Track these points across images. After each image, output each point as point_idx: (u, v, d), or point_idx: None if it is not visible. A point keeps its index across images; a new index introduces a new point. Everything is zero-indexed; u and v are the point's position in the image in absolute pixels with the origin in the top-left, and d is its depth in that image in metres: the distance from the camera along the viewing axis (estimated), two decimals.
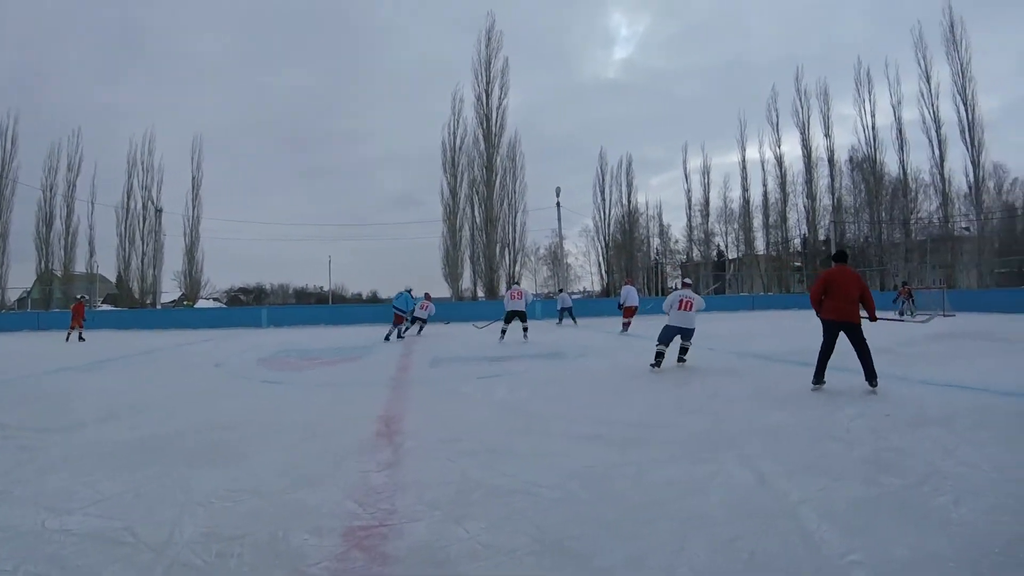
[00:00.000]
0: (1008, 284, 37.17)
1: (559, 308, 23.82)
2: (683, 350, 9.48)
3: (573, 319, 23.35)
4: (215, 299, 51.67)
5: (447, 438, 4.86)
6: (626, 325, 17.60)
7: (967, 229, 39.27)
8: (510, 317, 15.27)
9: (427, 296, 19.08)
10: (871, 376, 6.64)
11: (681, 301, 9.30)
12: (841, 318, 6.81)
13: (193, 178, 42.71)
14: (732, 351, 11.11)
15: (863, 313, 7.00)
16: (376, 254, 78.65)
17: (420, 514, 3.17)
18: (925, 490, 3.43)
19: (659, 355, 9.00)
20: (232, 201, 76.15)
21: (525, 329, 15.36)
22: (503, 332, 15.43)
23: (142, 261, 41.36)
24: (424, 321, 18.65)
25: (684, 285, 10.11)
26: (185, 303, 42.67)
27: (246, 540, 2.84)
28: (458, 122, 42.36)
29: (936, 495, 3.34)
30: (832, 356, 6.87)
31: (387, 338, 16.55)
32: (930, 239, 39.94)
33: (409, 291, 17.44)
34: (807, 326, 16.72)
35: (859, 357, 6.72)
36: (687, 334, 9.33)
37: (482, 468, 3.99)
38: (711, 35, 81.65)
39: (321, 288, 62.56)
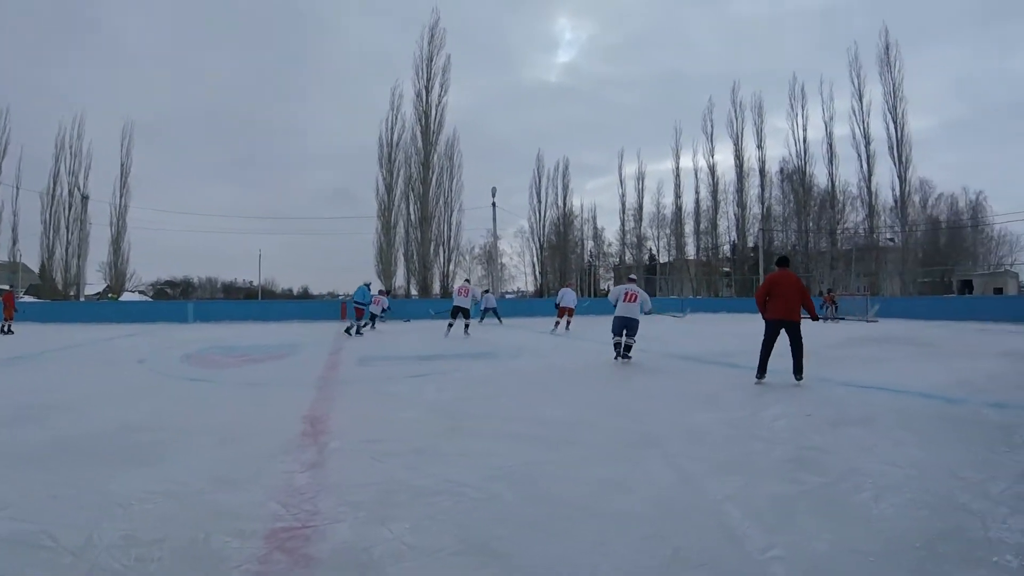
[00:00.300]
0: (930, 292, 39.21)
1: (483, 308, 24.37)
2: (627, 347, 9.89)
3: (498, 318, 24.04)
4: (141, 292, 49.66)
5: (373, 438, 4.76)
6: (558, 324, 18.48)
7: (892, 240, 41.24)
8: (455, 312, 16.16)
9: (381, 292, 20.03)
10: (798, 371, 7.32)
11: (626, 294, 10.02)
12: (782, 317, 7.42)
13: (122, 165, 41.33)
14: (663, 352, 11.34)
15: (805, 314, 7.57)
16: (309, 249, 77.00)
17: (343, 515, 3.08)
18: (845, 487, 3.54)
19: (616, 346, 9.87)
20: (162, 190, 72.96)
21: (466, 325, 16.53)
22: (449, 326, 16.25)
23: (66, 251, 39.58)
24: (374, 316, 19.19)
25: (629, 280, 10.68)
26: (110, 296, 40.83)
27: (166, 543, 2.73)
28: (396, 118, 42.34)
29: (856, 492, 3.44)
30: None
31: (347, 331, 16.97)
32: (855, 248, 41.83)
33: (368, 285, 18.11)
34: (735, 329, 17.42)
35: (792, 352, 7.37)
36: (632, 327, 9.86)
37: (407, 469, 3.92)
38: (654, 46, 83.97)
39: (251, 283, 61.61)
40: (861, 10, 63.40)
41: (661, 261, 52.40)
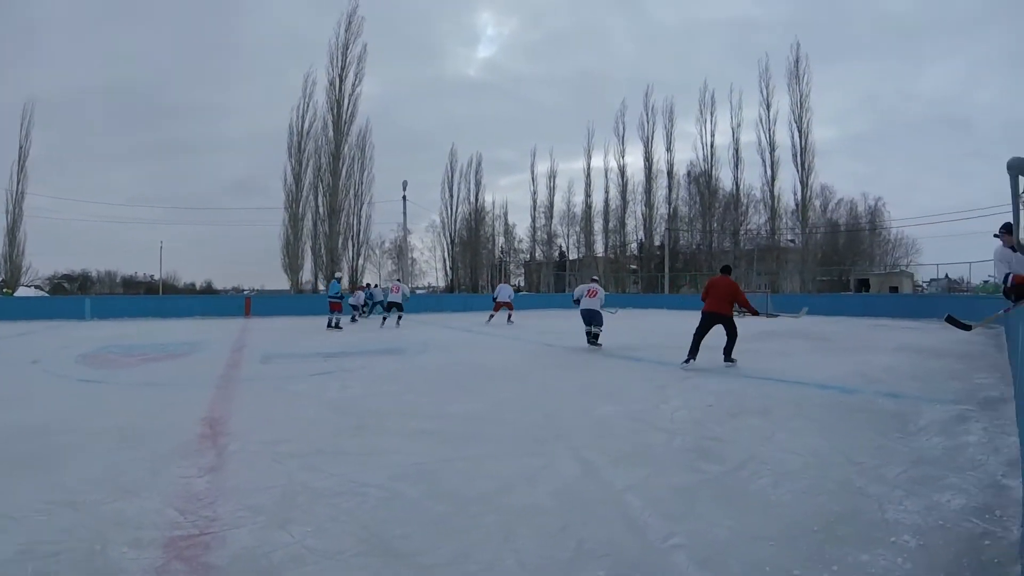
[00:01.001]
0: (828, 291, 41.47)
1: (375, 301, 25.18)
2: (594, 336, 11.35)
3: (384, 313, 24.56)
4: (37, 287, 46.22)
5: (273, 439, 4.64)
6: (491, 316, 20.03)
7: (792, 241, 43.37)
8: (390, 306, 18.77)
9: (360, 287, 23.31)
10: (728, 354, 8.71)
11: (589, 291, 11.56)
12: (715, 311, 8.84)
13: (21, 147, 37.59)
14: (568, 347, 11.68)
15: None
16: (212, 241, 73.06)
17: (243, 520, 2.99)
18: (744, 475, 3.69)
19: (587, 333, 11.40)
20: (59, 176, 66.56)
21: (399, 318, 18.78)
22: (383, 319, 19.34)
23: None
24: (356, 307, 21.80)
25: (592, 280, 12.28)
26: (4, 291, 37.85)
27: (63, 556, 2.60)
28: (308, 106, 41.13)
29: (755, 479, 3.60)
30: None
31: (344, 325, 18.40)
32: (757, 248, 43.84)
33: (338, 279, 20.33)
34: (640, 324, 17.89)
35: (727, 339, 8.76)
36: (597, 319, 11.34)
37: (308, 470, 3.84)
38: (572, 46, 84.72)
39: (152, 277, 58.68)
40: (775, 24, 66.25)
41: (571, 258, 53.38)
